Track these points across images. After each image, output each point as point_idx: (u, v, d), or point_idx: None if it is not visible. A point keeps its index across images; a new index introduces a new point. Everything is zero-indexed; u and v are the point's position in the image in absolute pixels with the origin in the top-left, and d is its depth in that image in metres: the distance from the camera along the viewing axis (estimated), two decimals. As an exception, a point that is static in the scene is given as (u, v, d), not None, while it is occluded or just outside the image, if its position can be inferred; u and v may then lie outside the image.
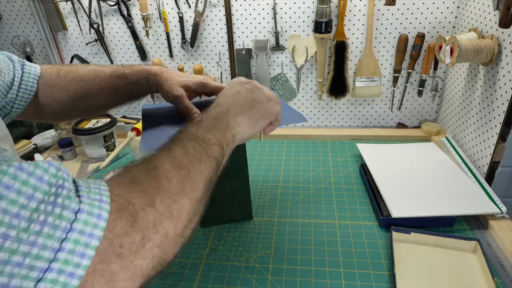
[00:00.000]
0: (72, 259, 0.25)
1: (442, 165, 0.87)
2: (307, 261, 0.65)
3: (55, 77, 0.61)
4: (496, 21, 0.75)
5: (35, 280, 0.24)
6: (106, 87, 0.62)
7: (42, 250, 0.24)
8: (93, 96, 0.62)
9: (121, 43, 1.14)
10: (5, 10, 1.15)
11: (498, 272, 0.61)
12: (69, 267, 0.25)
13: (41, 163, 0.26)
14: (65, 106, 0.62)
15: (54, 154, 1.08)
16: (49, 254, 0.25)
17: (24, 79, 0.58)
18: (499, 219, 0.70)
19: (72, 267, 0.25)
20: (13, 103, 0.57)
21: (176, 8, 1.05)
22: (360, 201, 0.81)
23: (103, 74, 0.62)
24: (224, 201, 0.73)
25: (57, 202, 0.26)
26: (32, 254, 0.24)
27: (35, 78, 0.59)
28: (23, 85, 0.57)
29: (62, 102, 0.61)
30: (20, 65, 0.58)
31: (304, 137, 1.11)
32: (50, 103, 0.61)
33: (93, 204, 0.28)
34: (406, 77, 1.05)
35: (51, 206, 0.25)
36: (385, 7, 0.97)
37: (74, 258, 0.26)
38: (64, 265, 0.25)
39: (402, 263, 0.63)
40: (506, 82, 0.72)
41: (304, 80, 1.11)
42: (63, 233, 0.26)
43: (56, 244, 0.25)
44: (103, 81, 0.62)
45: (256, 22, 1.05)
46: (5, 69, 0.55)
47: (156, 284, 0.63)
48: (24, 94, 0.58)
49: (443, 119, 1.06)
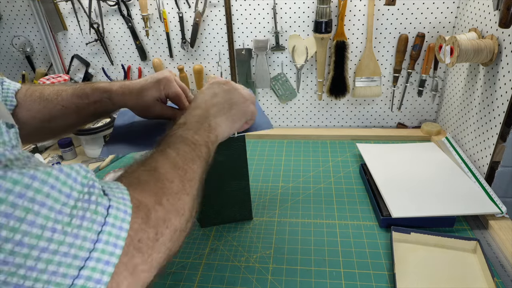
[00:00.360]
0: (107, 249, 0.28)
1: (442, 165, 0.87)
2: (307, 261, 0.65)
3: (22, 96, 0.60)
4: (496, 21, 0.75)
5: (78, 268, 0.26)
6: (68, 107, 0.61)
7: (84, 241, 0.27)
8: (57, 117, 0.61)
9: (121, 43, 1.14)
10: (5, 10, 1.15)
11: (498, 272, 0.61)
12: (105, 256, 0.28)
13: (75, 165, 0.29)
14: (30, 127, 0.60)
15: (54, 154, 1.08)
16: (89, 245, 0.27)
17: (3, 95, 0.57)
18: (499, 219, 0.70)
19: (107, 256, 0.28)
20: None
21: (176, 8, 1.05)
22: (360, 201, 0.81)
23: (66, 93, 0.61)
24: (224, 201, 0.73)
25: (91, 199, 0.29)
26: (76, 245, 0.26)
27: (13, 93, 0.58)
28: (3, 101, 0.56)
29: (26, 123, 0.59)
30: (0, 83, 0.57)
31: (304, 137, 1.11)
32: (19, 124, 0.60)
33: (119, 201, 0.31)
34: (406, 77, 1.05)
35: (87, 203, 0.28)
36: (385, 7, 0.97)
37: (109, 247, 0.28)
38: (101, 254, 0.28)
39: (402, 263, 0.63)
40: (506, 82, 0.72)
41: (304, 80, 1.11)
42: (99, 226, 0.28)
43: (94, 235, 0.28)
44: (65, 100, 0.61)
45: (256, 22, 1.05)
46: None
47: (156, 284, 0.63)
48: None
49: (443, 119, 1.06)
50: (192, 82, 1.17)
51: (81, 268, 0.26)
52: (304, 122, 1.18)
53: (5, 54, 1.23)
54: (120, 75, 1.19)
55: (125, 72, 1.17)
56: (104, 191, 0.31)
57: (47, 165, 0.28)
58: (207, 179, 0.70)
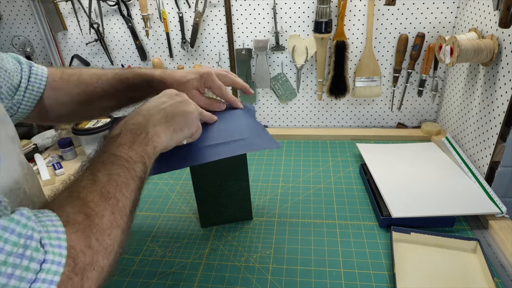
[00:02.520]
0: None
1: (442, 165, 0.87)
2: (307, 261, 0.65)
3: (58, 80, 0.61)
4: (496, 21, 0.75)
5: None
6: (108, 90, 0.62)
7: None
8: (95, 100, 0.62)
9: (121, 43, 1.14)
10: (5, 10, 1.15)
11: (498, 272, 0.61)
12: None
13: (15, 215, 0.28)
14: (68, 109, 0.62)
15: (54, 154, 1.08)
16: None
17: (31, 81, 0.57)
18: (499, 219, 0.70)
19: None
20: (20, 104, 0.57)
21: (176, 8, 1.05)
22: (360, 201, 0.81)
23: (106, 77, 0.62)
24: (224, 201, 0.73)
25: (25, 254, 0.28)
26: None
27: (42, 79, 0.59)
28: (30, 86, 0.57)
29: (65, 105, 0.61)
30: (28, 67, 0.58)
31: (304, 137, 1.11)
32: (53, 106, 0.61)
33: (55, 252, 0.30)
34: (406, 77, 1.05)
35: (19, 258, 0.27)
36: (385, 7, 0.97)
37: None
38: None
39: (402, 263, 0.63)
40: (506, 82, 0.72)
41: (304, 80, 1.11)
42: (27, 284, 0.27)
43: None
44: (105, 84, 0.62)
45: (256, 22, 1.05)
46: (13, 71, 0.55)
47: (156, 284, 0.63)
48: (31, 96, 0.58)
49: (443, 119, 1.06)
50: (192, 82, 1.16)
51: None
52: (304, 122, 1.18)
53: (5, 54, 1.23)
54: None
55: (125, 72, 1.17)
56: (41, 239, 0.30)
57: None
58: (207, 179, 0.70)
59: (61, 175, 0.99)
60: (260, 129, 0.64)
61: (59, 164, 1.02)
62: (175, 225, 0.78)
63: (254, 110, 0.70)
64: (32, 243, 0.28)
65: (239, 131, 0.62)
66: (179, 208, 0.83)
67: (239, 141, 0.60)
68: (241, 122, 0.64)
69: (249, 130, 0.62)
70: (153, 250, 0.71)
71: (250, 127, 0.63)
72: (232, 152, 0.59)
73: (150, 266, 0.67)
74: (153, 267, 0.67)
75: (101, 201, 0.37)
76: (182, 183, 0.92)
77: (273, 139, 0.62)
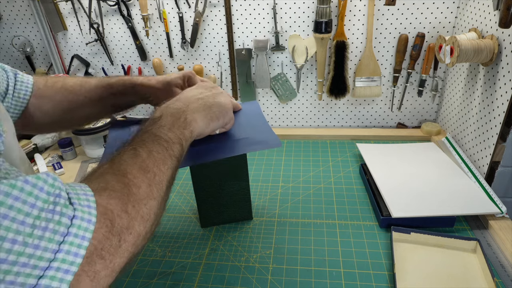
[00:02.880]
0: (68, 258, 0.29)
1: (442, 165, 0.87)
2: (307, 261, 0.65)
3: (43, 87, 0.61)
4: (496, 21, 0.75)
5: (37, 277, 0.27)
6: (92, 97, 0.62)
7: (44, 252, 0.28)
8: (78, 107, 0.62)
9: (121, 43, 1.14)
10: (5, 10, 1.15)
11: (498, 272, 0.61)
12: (65, 265, 0.29)
13: (41, 175, 0.30)
14: (51, 117, 0.61)
15: (54, 154, 1.08)
16: (49, 255, 0.28)
17: (17, 88, 0.57)
18: (499, 219, 0.70)
19: (67, 265, 0.29)
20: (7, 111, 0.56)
21: (176, 8, 1.05)
22: (360, 201, 0.81)
23: (89, 84, 0.62)
24: (224, 201, 0.73)
25: (56, 210, 0.29)
26: (36, 256, 0.27)
27: (28, 87, 0.59)
28: (16, 93, 0.57)
29: (48, 113, 0.61)
30: (13, 74, 0.58)
31: (304, 137, 1.11)
32: (37, 114, 0.60)
33: (84, 210, 0.32)
34: (406, 77, 1.05)
35: (51, 213, 0.29)
36: (385, 7, 0.97)
37: (70, 257, 0.29)
38: (62, 264, 0.28)
39: (402, 263, 0.63)
40: (506, 82, 0.72)
41: (304, 80, 1.11)
42: (61, 237, 0.29)
43: (56, 246, 0.28)
44: (88, 91, 0.62)
45: (256, 22, 1.05)
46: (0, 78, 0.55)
47: (156, 284, 0.63)
48: (18, 103, 0.57)
49: (443, 119, 1.06)
50: (192, 82, 1.17)
51: (40, 277, 0.27)
52: (304, 122, 1.18)
53: (5, 54, 1.23)
54: (120, 75, 1.19)
55: (125, 72, 1.17)
56: (70, 199, 0.31)
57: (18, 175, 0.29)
58: (207, 179, 0.70)
59: (61, 175, 0.99)
60: (262, 126, 0.65)
61: (59, 164, 1.02)
62: (175, 225, 0.78)
63: (258, 105, 0.71)
64: (61, 200, 0.30)
65: (239, 132, 0.62)
66: (179, 208, 0.83)
67: (241, 140, 0.61)
68: (242, 120, 0.65)
69: (250, 129, 0.63)
70: (153, 250, 0.71)
71: (251, 125, 0.64)
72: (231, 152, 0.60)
73: (150, 266, 0.67)
74: (153, 267, 0.67)
75: (139, 174, 0.39)
76: (182, 183, 0.92)
77: (275, 136, 0.63)
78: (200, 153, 0.59)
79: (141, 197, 0.38)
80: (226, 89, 1.15)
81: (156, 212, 0.40)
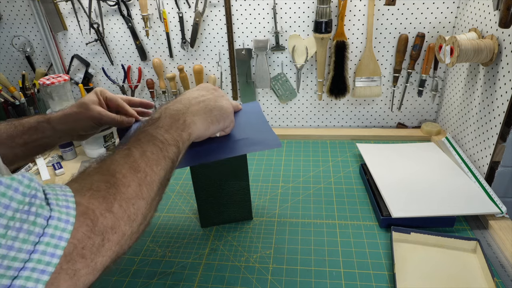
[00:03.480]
0: (44, 259, 0.29)
1: (442, 165, 0.87)
2: (307, 261, 0.65)
3: None
4: (496, 21, 0.75)
5: (11, 278, 0.27)
6: (3, 139, 0.58)
7: (18, 253, 0.28)
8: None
9: (121, 43, 1.14)
10: (5, 10, 1.15)
11: (498, 272, 0.61)
12: (41, 266, 0.29)
13: (16, 175, 0.30)
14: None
15: (54, 154, 1.08)
16: (24, 256, 0.28)
17: None
18: (499, 219, 0.70)
19: (43, 266, 0.29)
20: None
21: (176, 8, 1.05)
22: (360, 201, 0.81)
23: (2, 125, 0.59)
24: (224, 201, 0.73)
25: (31, 210, 0.29)
26: (9, 256, 0.27)
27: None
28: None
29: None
30: None
31: (304, 137, 1.11)
32: None
33: (62, 211, 0.31)
34: (406, 77, 1.05)
35: (26, 214, 0.29)
36: (385, 7, 0.97)
37: (46, 257, 0.29)
38: (37, 264, 0.28)
39: (402, 263, 0.63)
40: (506, 82, 0.72)
41: (304, 80, 1.11)
42: (37, 237, 0.29)
43: (31, 246, 0.28)
44: (3, 132, 0.59)
45: (256, 22, 1.05)
46: None
47: (156, 284, 0.63)
48: None
49: (443, 119, 1.06)
50: (192, 82, 1.17)
51: (14, 278, 0.27)
52: (304, 122, 1.18)
53: (5, 54, 1.23)
54: (120, 75, 1.19)
55: (125, 72, 1.17)
56: (48, 199, 0.31)
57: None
58: (207, 179, 0.70)
59: (61, 175, 0.99)
60: (263, 126, 0.65)
61: (59, 164, 1.02)
62: (175, 225, 0.78)
63: (259, 105, 0.71)
64: (37, 200, 0.30)
65: (239, 132, 0.62)
66: (179, 208, 0.83)
67: (241, 141, 0.61)
68: (242, 121, 0.65)
69: (250, 129, 0.63)
70: (153, 250, 0.71)
71: (251, 126, 0.64)
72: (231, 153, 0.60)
73: (150, 266, 0.67)
74: (153, 267, 0.67)
75: (129, 173, 0.39)
76: (182, 183, 0.92)
77: (275, 136, 0.63)
78: (201, 153, 0.59)
79: (129, 197, 0.38)
80: (226, 89, 1.15)
81: (145, 213, 0.40)
